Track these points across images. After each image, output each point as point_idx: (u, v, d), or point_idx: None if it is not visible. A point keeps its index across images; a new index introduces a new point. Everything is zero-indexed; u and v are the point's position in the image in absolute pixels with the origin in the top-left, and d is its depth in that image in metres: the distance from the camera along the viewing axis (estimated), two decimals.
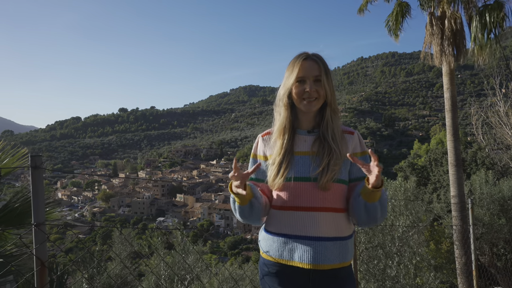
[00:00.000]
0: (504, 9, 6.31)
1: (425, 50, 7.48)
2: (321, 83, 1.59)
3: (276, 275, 1.58)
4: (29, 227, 1.77)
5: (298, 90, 1.60)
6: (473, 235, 3.58)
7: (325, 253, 1.51)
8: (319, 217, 1.54)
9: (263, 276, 1.64)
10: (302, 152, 1.61)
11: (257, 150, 1.74)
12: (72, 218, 67.83)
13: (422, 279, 4.52)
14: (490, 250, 7.35)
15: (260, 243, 1.69)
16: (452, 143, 7.26)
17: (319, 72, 1.59)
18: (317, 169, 1.55)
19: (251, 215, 1.60)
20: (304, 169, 1.57)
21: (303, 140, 1.64)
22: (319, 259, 1.51)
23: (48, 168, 17.67)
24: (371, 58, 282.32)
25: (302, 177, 1.56)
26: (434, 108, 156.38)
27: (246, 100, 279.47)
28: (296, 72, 1.59)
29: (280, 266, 1.57)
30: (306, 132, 1.65)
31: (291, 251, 1.55)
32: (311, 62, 1.60)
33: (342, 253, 1.56)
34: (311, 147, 1.61)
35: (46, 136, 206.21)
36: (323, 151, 1.57)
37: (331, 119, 1.62)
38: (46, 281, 1.73)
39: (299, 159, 1.60)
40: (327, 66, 1.62)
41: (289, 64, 1.64)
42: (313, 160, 1.57)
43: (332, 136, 1.59)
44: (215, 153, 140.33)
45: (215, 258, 30.33)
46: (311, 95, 1.58)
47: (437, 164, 13.89)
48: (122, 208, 76.86)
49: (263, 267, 1.64)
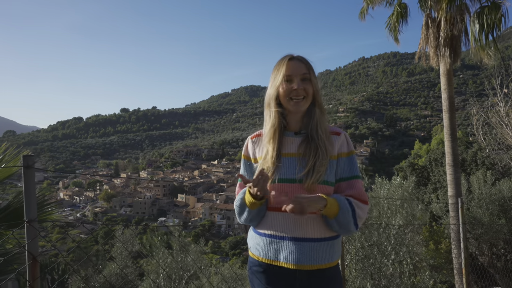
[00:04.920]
0: (501, 10, 6.34)
1: (420, 51, 7.52)
2: (308, 81, 1.61)
3: (263, 274, 1.61)
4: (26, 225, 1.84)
5: (285, 89, 1.60)
6: (463, 233, 3.63)
7: (310, 253, 1.53)
8: (305, 218, 1.55)
9: (251, 274, 1.67)
10: (289, 154, 1.62)
11: (247, 152, 1.76)
12: (74, 218, 67.99)
13: (417, 278, 4.55)
14: (490, 250, 7.37)
15: (248, 242, 1.73)
16: (450, 143, 7.30)
17: (306, 70, 1.61)
18: (303, 170, 1.56)
19: (256, 218, 1.64)
20: (290, 170, 1.58)
21: (291, 142, 1.65)
22: (304, 259, 1.53)
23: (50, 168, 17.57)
24: (373, 58, 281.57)
25: (287, 178, 1.57)
26: (436, 108, 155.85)
27: (248, 100, 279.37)
28: (283, 71, 1.60)
29: (266, 265, 1.60)
30: (293, 134, 1.66)
31: (276, 251, 1.57)
32: (297, 62, 1.63)
33: (328, 253, 1.57)
34: (297, 148, 1.62)
35: (48, 136, 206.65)
36: (309, 152, 1.58)
37: (319, 119, 1.63)
38: (38, 275, 1.81)
39: (286, 160, 1.61)
40: (312, 68, 1.65)
41: (275, 66, 1.66)
42: (299, 161, 1.58)
43: (319, 137, 1.60)
44: (217, 153, 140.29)
45: (217, 258, 30.39)
46: (299, 93, 1.59)
47: (437, 164, 13.90)
48: (123, 208, 76.95)
49: (251, 265, 1.68)
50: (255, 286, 1.64)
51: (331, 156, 1.61)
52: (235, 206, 1.69)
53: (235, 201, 1.70)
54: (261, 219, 1.64)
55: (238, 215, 1.68)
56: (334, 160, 1.62)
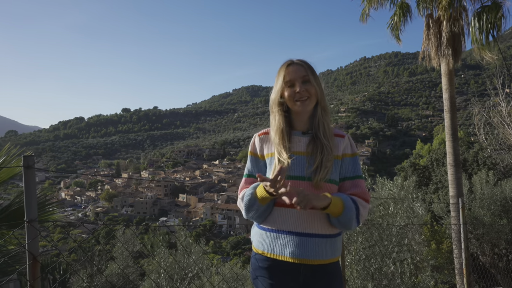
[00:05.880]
0: (501, 9, 6.34)
1: (423, 51, 7.52)
2: (309, 82, 1.68)
3: (267, 269, 1.65)
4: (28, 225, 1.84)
5: (289, 93, 1.69)
6: (464, 233, 3.63)
7: (316, 249, 1.60)
8: (311, 215, 1.61)
9: (254, 270, 1.70)
10: (298, 152, 1.69)
11: (254, 149, 1.81)
12: (76, 218, 68.15)
13: (418, 278, 4.55)
14: (491, 250, 7.35)
15: (252, 239, 1.77)
16: (451, 143, 7.30)
17: (306, 73, 1.68)
18: (311, 168, 1.63)
19: (263, 214, 1.67)
20: (299, 168, 1.65)
21: (298, 140, 1.71)
22: (310, 254, 1.59)
23: (51, 168, 17.62)
24: (374, 58, 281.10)
25: (296, 176, 1.63)
26: (438, 108, 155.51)
27: (249, 100, 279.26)
28: (282, 77, 1.70)
29: (272, 260, 1.64)
30: (301, 133, 1.73)
31: (283, 246, 1.62)
32: (296, 66, 1.71)
33: (332, 249, 1.65)
34: (306, 147, 1.69)
35: (50, 136, 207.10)
36: (316, 150, 1.65)
37: (322, 117, 1.70)
38: (38, 275, 1.83)
39: (295, 158, 1.67)
40: (313, 69, 1.72)
41: (277, 73, 1.75)
42: (308, 160, 1.65)
43: (323, 134, 1.67)
44: (218, 153, 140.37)
45: (218, 258, 30.40)
46: (302, 95, 1.67)
47: (438, 164, 13.88)
48: (125, 208, 77.11)
49: (254, 262, 1.71)
50: (260, 282, 1.67)
51: (336, 156, 1.68)
52: (243, 201, 1.70)
53: (244, 196, 1.71)
54: (267, 215, 1.68)
55: (246, 211, 1.69)
56: (338, 160, 1.70)
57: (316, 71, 1.72)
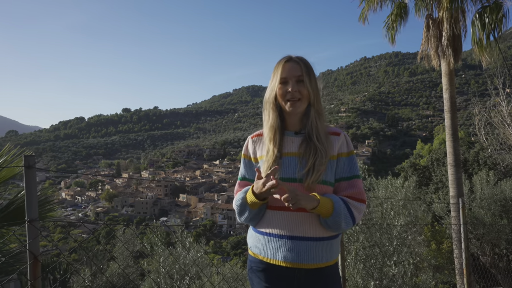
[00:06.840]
0: (502, 9, 6.32)
1: (422, 51, 7.51)
2: (303, 83, 1.62)
3: (262, 273, 1.62)
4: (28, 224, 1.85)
5: (281, 91, 1.63)
6: (464, 234, 3.62)
7: (309, 252, 1.54)
8: (304, 218, 1.57)
9: (250, 273, 1.68)
10: (289, 153, 1.64)
11: (247, 151, 1.78)
12: (76, 217, 68.16)
13: (419, 278, 4.55)
14: (492, 250, 7.35)
15: (248, 241, 1.74)
16: (451, 143, 7.29)
17: (301, 73, 1.62)
18: (303, 170, 1.57)
19: (256, 217, 1.65)
20: (290, 170, 1.60)
21: (291, 141, 1.67)
22: (303, 258, 1.54)
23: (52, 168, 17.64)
24: (374, 58, 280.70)
25: (288, 177, 1.59)
26: (438, 108, 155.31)
27: (249, 100, 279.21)
28: (279, 74, 1.64)
29: (265, 264, 1.61)
30: (293, 134, 1.68)
31: (275, 250, 1.57)
32: (293, 63, 1.64)
33: (327, 252, 1.59)
34: (298, 148, 1.63)
35: (50, 136, 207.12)
36: (309, 152, 1.59)
37: (315, 120, 1.64)
38: (39, 274, 1.83)
39: (286, 160, 1.62)
40: (310, 68, 1.66)
41: (274, 68, 1.68)
42: (300, 161, 1.60)
43: (317, 137, 1.61)
44: (218, 153, 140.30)
45: (218, 258, 30.39)
46: (294, 95, 1.61)
47: (439, 164, 13.87)
48: (125, 208, 77.13)
49: (250, 264, 1.69)
50: (255, 285, 1.65)
51: (331, 156, 1.62)
52: (235, 205, 1.70)
53: (236, 200, 1.70)
54: (260, 218, 1.65)
55: (238, 215, 1.69)
56: (333, 160, 1.64)
57: (315, 71, 1.67)
